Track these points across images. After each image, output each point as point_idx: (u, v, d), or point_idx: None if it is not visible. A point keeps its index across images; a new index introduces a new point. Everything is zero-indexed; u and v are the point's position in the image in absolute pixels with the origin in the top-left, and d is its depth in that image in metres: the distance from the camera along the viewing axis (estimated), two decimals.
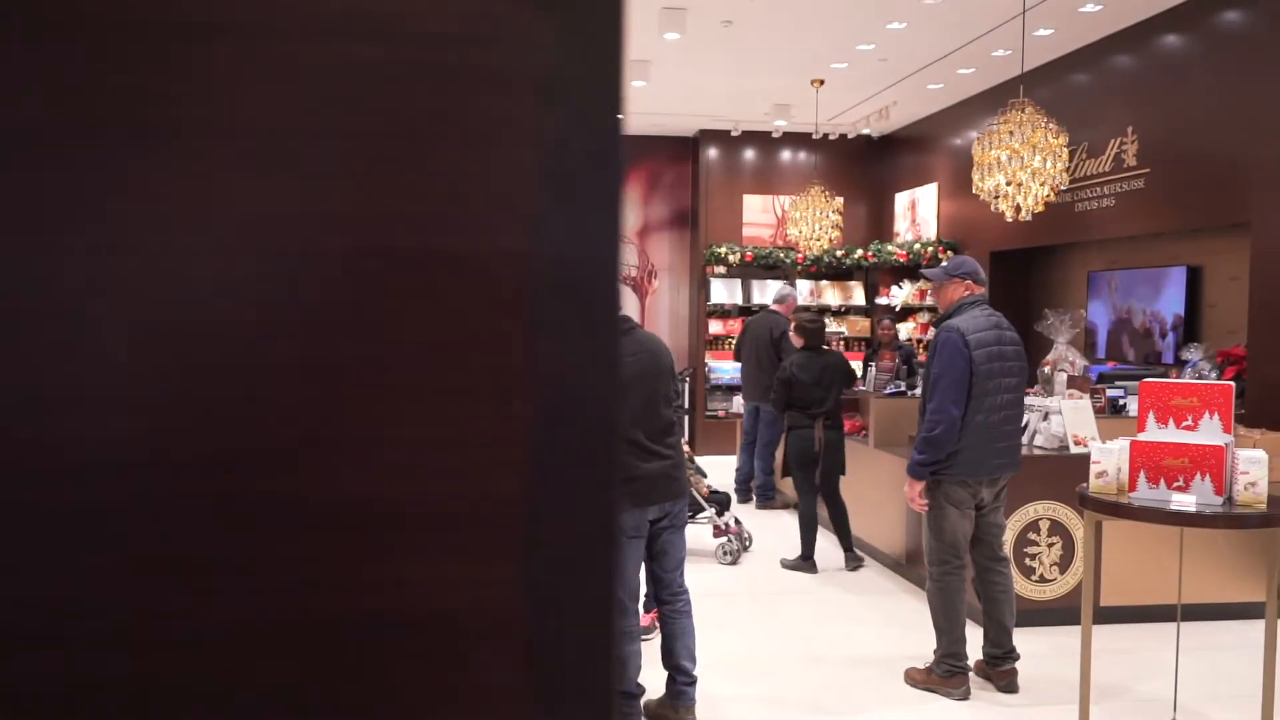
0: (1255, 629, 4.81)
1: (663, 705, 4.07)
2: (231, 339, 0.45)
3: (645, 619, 4.77)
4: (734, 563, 6.73)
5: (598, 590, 0.47)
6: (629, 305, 12.59)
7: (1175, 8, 7.18)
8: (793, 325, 6.88)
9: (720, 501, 6.86)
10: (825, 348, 6.90)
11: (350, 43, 0.45)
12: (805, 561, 6.61)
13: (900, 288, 11.35)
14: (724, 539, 6.81)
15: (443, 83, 0.45)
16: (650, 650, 4.18)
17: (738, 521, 6.89)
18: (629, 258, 12.77)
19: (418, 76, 0.45)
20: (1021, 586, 5.37)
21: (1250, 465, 3.62)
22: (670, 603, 4.06)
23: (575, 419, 0.46)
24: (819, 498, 6.71)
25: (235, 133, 0.44)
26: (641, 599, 4.39)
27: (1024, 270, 9.81)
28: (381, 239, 0.45)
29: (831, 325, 12.25)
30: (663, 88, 9.76)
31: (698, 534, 6.63)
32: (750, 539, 7.09)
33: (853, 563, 6.68)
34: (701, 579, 6.34)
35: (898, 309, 11.40)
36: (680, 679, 4.03)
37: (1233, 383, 4.18)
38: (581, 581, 0.46)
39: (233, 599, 0.45)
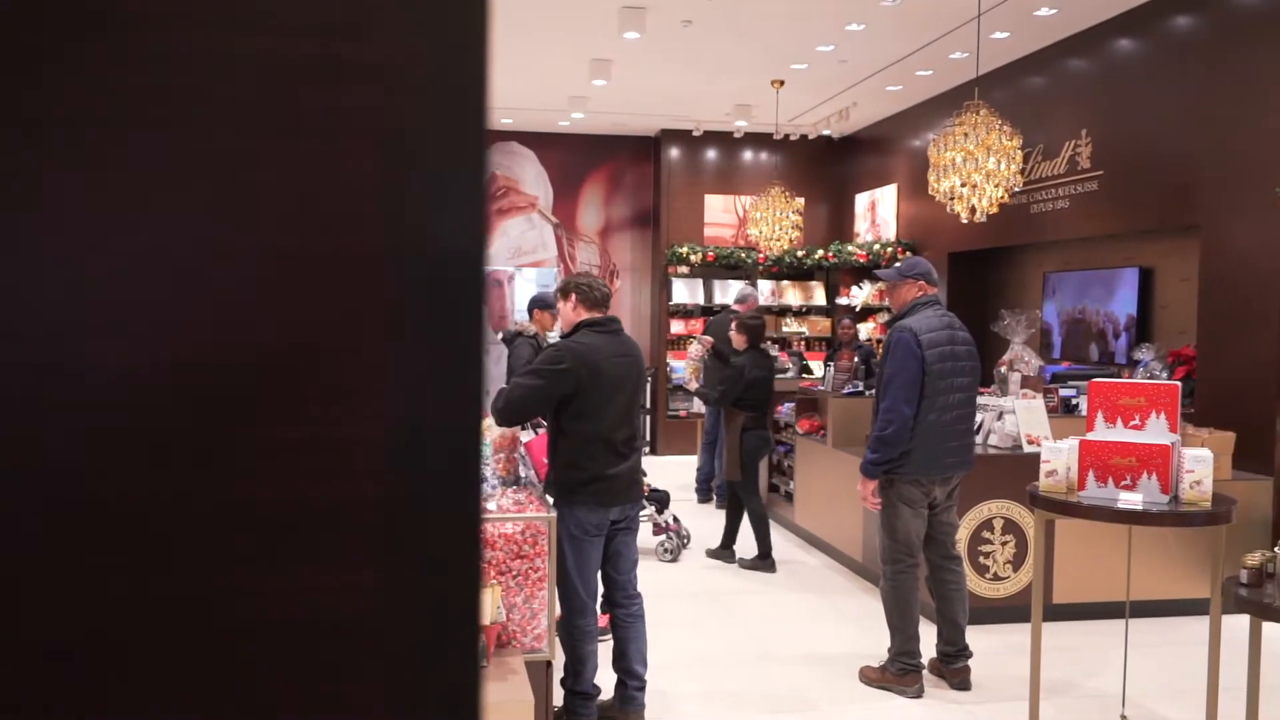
0: (1202, 625, 4.87)
1: (612, 709, 4.05)
2: (74, 340, 0.43)
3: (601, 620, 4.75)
4: (673, 560, 6.74)
5: (462, 599, 0.45)
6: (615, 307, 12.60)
7: (1128, 12, 7.28)
8: (734, 324, 6.89)
9: (659, 499, 6.87)
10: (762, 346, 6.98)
11: (202, 33, 0.43)
12: (764, 560, 6.63)
13: (860, 288, 11.42)
14: (663, 536, 6.83)
15: (298, 75, 0.43)
16: (602, 651, 4.16)
17: (676, 519, 6.90)
18: (591, 257, 12.77)
19: (273, 69, 0.43)
20: (975, 584, 5.42)
21: (1195, 464, 3.68)
22: (625, 606, 4.04)
23: (438, 421, 0.44)
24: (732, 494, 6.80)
25: (74, 124, 0.42)
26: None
27: (981, 271, 9.91)
28: (234, 237, 0.43)
29: (792, 325, 12.32)
30: (624, 87, 9.75)
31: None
32: (689, 536, 7.12)
33: (768, 564, 6.76)
34: (660, 578, 6.34)
35: (858, 309, 11.47)
36: (631, 683, 4.01)
37: (1179, 383, 4.24)
38: (446, 590, 0.45)
39: (76, 610, 0.43)
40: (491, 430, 4.30)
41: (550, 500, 3.95)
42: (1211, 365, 6.36)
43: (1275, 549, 3.47)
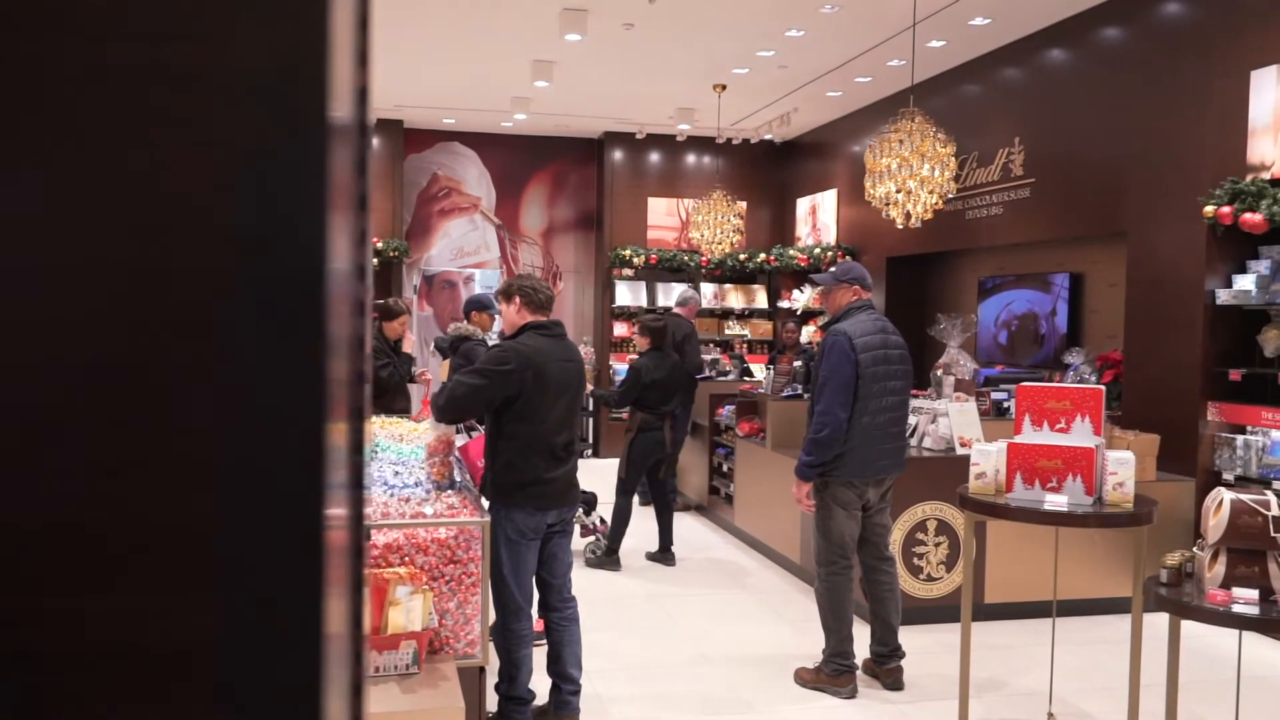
0: (1127, 623, 4.99)
1: (546, 714, 4.03)
2: None
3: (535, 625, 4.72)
4: (600, 562, 6.73)
5: (301, 620, 0.44)
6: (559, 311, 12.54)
7: (1059, 24, 7.44)
8: (637, 326, 6.94)
9: (587, 501, 6.87)
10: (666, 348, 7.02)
11: (30, 37, 0.41)
12: (609, 557, 6.67)
13: (801, 291, 11.51)
14: (591, 538, 6.82)
15: (137, 81, 0.42)
16: (536, 655, 4.14)
17: (604, 521, 6.90)
18: (534, 258, 12.71)
19: (116, 75, 0.42)
20: (909, 585, 5.49)
21: (1118, 466, 3.76)
22: (560, 609, 4.03)
23: (274, 439, 0.43)
24: (638, 495, 6.86)
25: None
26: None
27: (919, 275, 10.05)
28: (57, 247, 0.42)
29: (735, 328, 12.38)
30: (566, 89, 9.73)
31: None
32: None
33: (669, 560, 6.86)
34: (597, 581, 6.33)
35: (799, 312, 11.57)
36: (566, 687, 4.00)
37: (1103, 387, 4.33)
38: (282, 612, 0.43)
39: None
40: (426, 434, 4.26)
41: (486, 503, 3.92)
42: (1138, 369, 6.52)
43: (1194, 549, 3.56)
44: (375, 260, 11.59)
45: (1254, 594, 3.27)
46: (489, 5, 7.33)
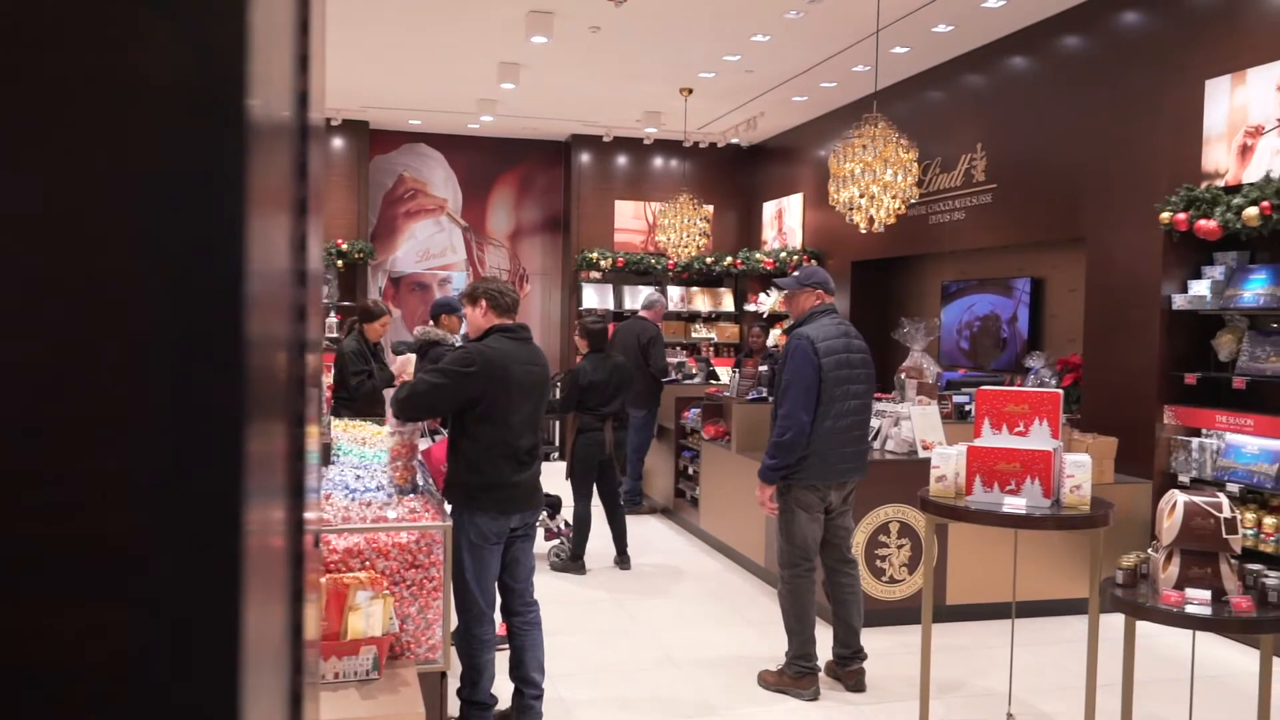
0: (1085, 623, 5.06)
1: (508, 718, 4.02)
2: None
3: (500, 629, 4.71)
4: (564, 566, 6.70)
5: (218, 634, 0.43)
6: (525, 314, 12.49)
7: (1020, 31, 7.54)
8: (577, 329, 6.94)
9: (551, 504, 6.85)
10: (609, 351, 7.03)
11: None
12: (575, 562, 6.67)
13: (768, 295, 11.57)
14: (556, 541, 6.81)
15: (43, 86, 0.41)
16: (499, 660, 4.12)
17: (567, 524, 6.88)
18: (501, 261, 12.67)
19: (20, 77, 0.41)
20: (872, 587, 5.53)
21: (1075, 469, 3.81)
22: (522, 614, 4.01)
23: (191, 452, 0.43)
24: (595, 497, 6.83)
25: None
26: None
27: (884, 279, 10.14)
28: None
29: (701, 331, 12.42)
30: (533, 91, 9.71)
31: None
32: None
33: (624, 563, 6.82)
34: (560, 585, 6.32)
35: (766, 315, 11.63)
36: (529, 692, 3.98)
37: (1061, 390, 4.39)
38: (199, 627, 0.43)
39: None
40: (389, 438, 4.23)
41: (448, 507, 3.90)
42: (1096, 372, 6.61)
43: (1149, 550, 3.61)
44: (340, 262, 11.49)
45: (1206, 595, 3.32)
46: (455, 7, 7.31)
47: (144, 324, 0.42)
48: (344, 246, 11.49)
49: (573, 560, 6.68)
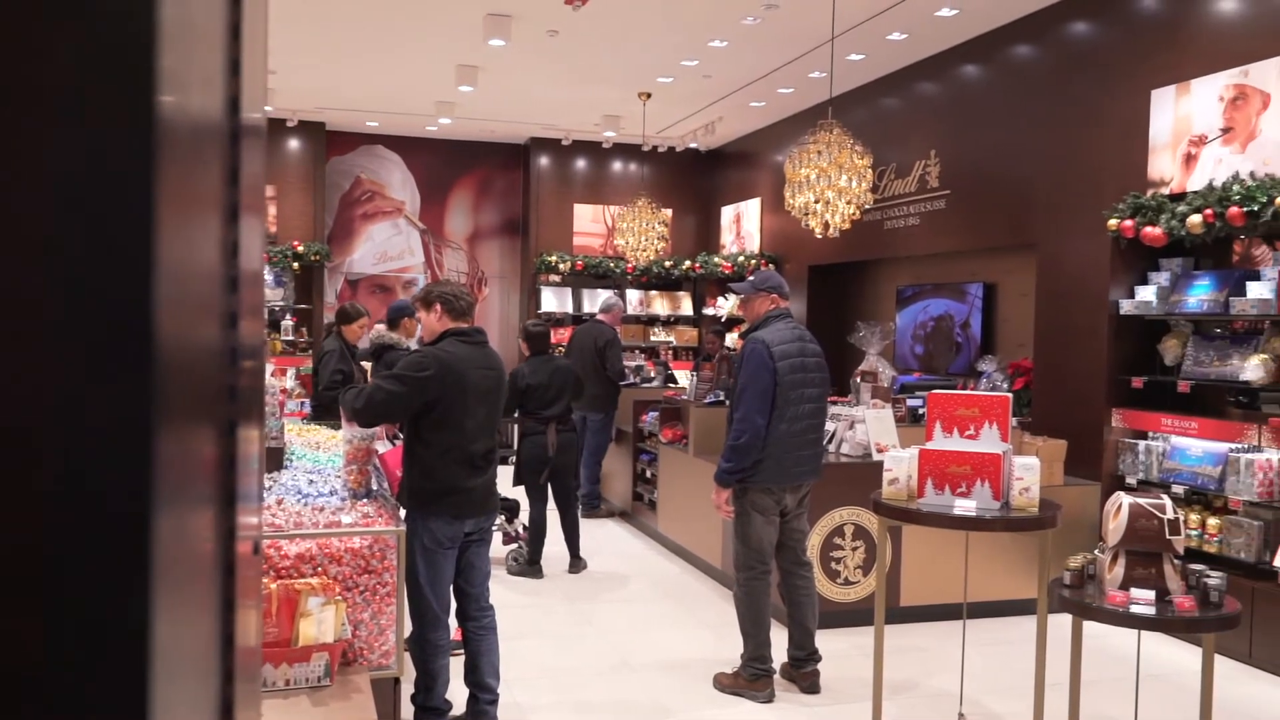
0: (1034, 624, 5.13)
1: None
2: None
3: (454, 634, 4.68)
4: (520, 570, 6.67)
5: (126, 644, 0.43)
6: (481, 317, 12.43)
7: (973, 40, 7.65)
8: (520, 333, 6.92)
9: (509, 508, 6.82)
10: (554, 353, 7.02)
11: None
12: (531, 566, 6.66)
13: (726, 299, 11.62)
14: (513, 546, 6.78)
15: None
16: (454, 665, 4.10)
17: (525, 528, 6.86)
18: (459, 263, 12.61)
19: None
20: (827, 589, 5.57)
21: (1024, 471, 3.87)
22: (477, 618, 3.99)
23: (98, 462, 0.42)
24: (549, 501, 6.82)
25: None
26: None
27: (840, 283, 10.22)
28: None
29: (660, 335, 12.44)
30: (491, 94, 9.68)
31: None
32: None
33: (578, 566, 6.83)
34: (518, 589, 6.29)
35: (724, 319, 11.68)
36: (484, 697, 3.96)
37: (1011, 394, 4.45)
38: (110, 637, 0.43)
39: None
40: (344, 443, 4.19)
41: (402, 512, 3.87)
42: (1047, 376, 6.72)
43: (1096, 551, 3.67)
44: (296, 264, 11.37)
45: (1151, 595, 3.39)
46: (412, 9, 7.27)
47: (44, 330, 0.41)
48: (300, 248, 11.37)
49: (530, 564, 6.66)
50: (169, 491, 0.45)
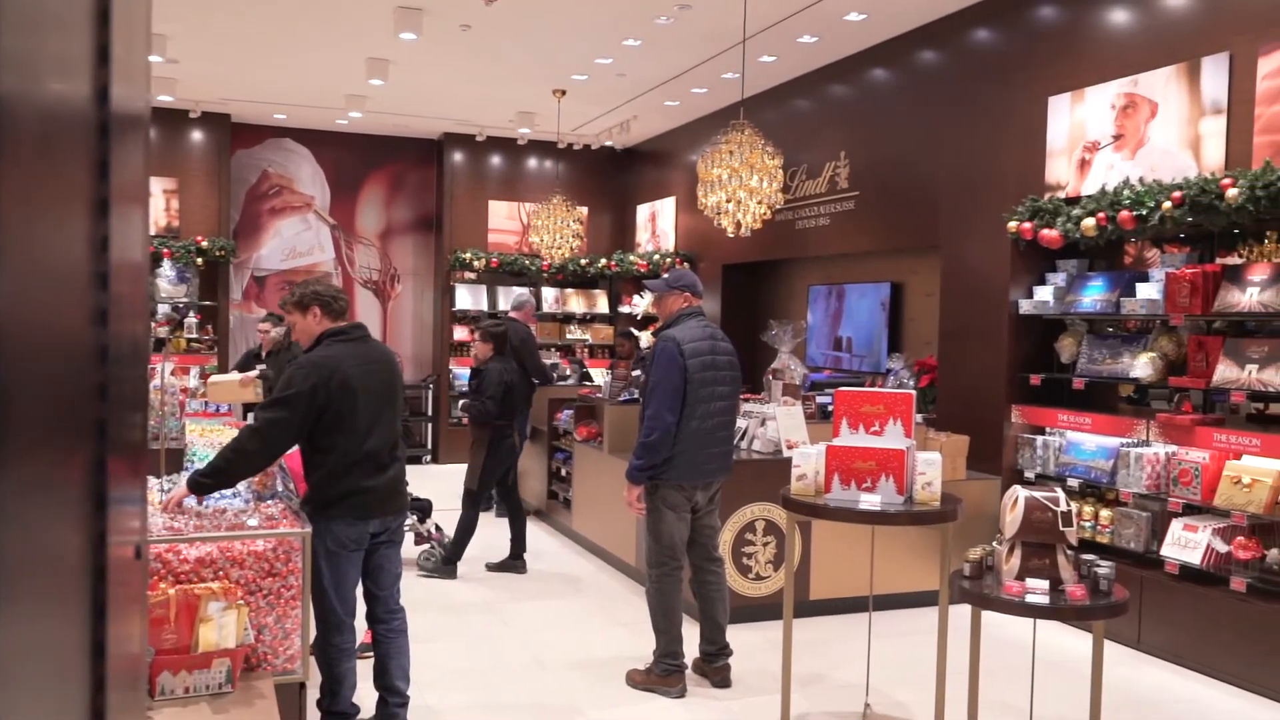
0: (936, 614, 5.27)
1: None
2: None
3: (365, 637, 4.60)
4: (435, 571, 6.60)
5: None
6: (362, 313, 12.19)
7: (881, 45, 7.81)
8: (478, 334, 6.81)
9: (421, 508, 6.74)
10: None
11: None
12: (447, 566, 6.60)
13: (641, 297, 11.66)
14: (426, 547, 6.71)
15: None
16: (364, 668, 4.04)
17: (439, 528, 6.79)
18: (371, 260, 12.39)
19: None
20: (739, 584, 5.64)
21: (926, 467, 3.97)
22: (387, 621, 3.93)
23: None
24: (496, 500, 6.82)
25: None
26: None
27: (753, 282, 10.34)
28: None
29: (576, 333, 12.42)
30: (403, 88, 9.54)
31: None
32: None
33: (523, 568, 6.84)
34: (432, 591, 6.22)
35: (639, 317, 11.71)
36: (393, 700, 3.91)
37: (914, 391, 4.56)
38: None
39: None
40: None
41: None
42: (951, 374, 6.90)
43: (994, 543, 3.79)
44: (200, 260, 11.03)
45: (1045, 585, 3.51)
46: (321, 1, 7.11)
47: None
48: (204, 244, 11.04)
49: (445, 564, 6.57)
50: (12, 495, 0.44)
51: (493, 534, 7.65)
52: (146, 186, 0.94)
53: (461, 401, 6.68)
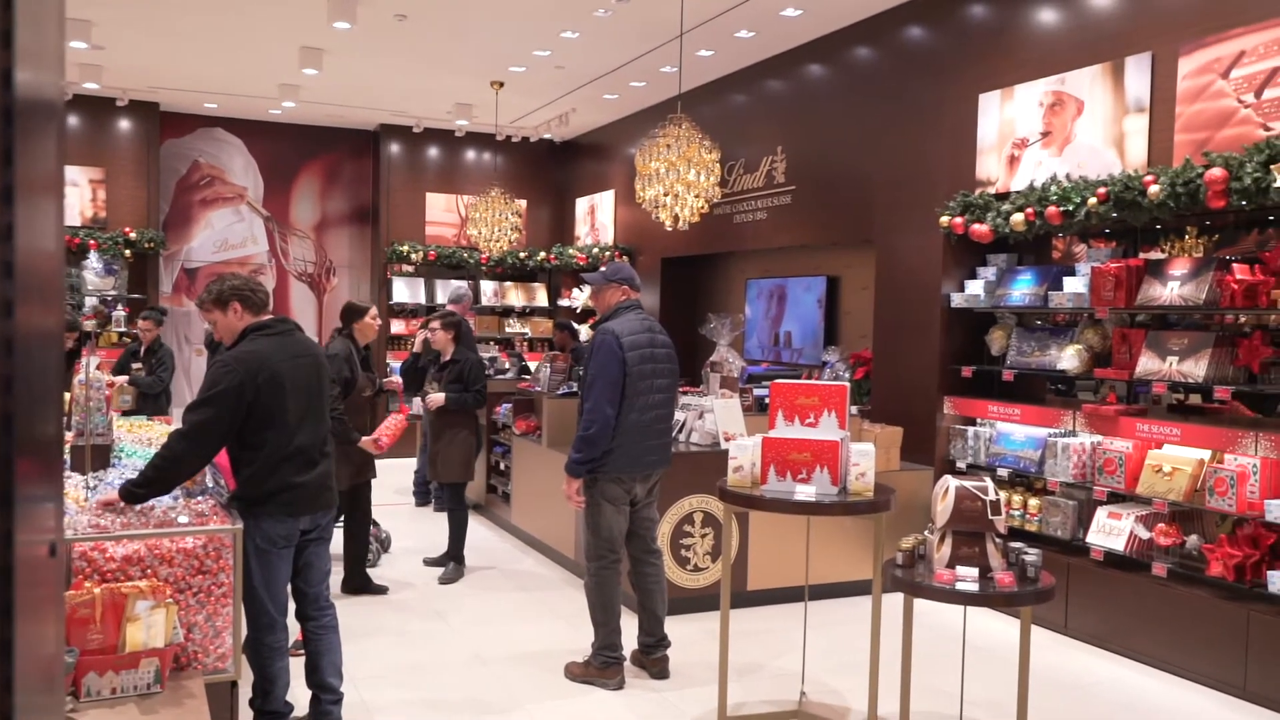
0: (870, 603, 5.36)
1: None
2: None
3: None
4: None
5: None
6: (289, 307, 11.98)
7: (817, 40, 7.89)
8: (440, 324, 6.71)
9: (381, 540, 6.67)
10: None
11: None
12: (460, 567, 6.59)
13: (580, 290, 11.64)
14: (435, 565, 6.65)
15: None
16: (297, 666, 3.99)
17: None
18: (305, 253, 12.20)
19: None
20: (677, 576, 5.67)
21: (860, 457, 4.03)
22: (316, 618, 3.88)
23: None
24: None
25: None
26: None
27: (692, 275, 10.39)
28: None
29: (515, 326, 12.36)
30: (338, 78, 9.39)
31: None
32: (389, 540, 7.02)
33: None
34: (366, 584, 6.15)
35: (578, 310, 11.70)
36: (326, 698, 3.86)
37: (849, 383, 4.63)
38: None
39: None
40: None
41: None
42: (885, 366, 7.01)
43: (926, 532, 3.87)
44: (129, 252, 10.76)
45: (974, 572, 3.59)
46: None
47: None
48: (132, 235, 10.77)
49: (456, 564, 6.47)
50: None
51: (432, 528, 7.60)
52: (60, 175, 0.93)
53: (444, 394, 6.46)
